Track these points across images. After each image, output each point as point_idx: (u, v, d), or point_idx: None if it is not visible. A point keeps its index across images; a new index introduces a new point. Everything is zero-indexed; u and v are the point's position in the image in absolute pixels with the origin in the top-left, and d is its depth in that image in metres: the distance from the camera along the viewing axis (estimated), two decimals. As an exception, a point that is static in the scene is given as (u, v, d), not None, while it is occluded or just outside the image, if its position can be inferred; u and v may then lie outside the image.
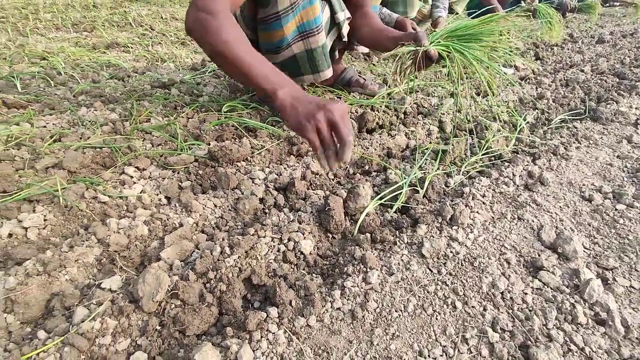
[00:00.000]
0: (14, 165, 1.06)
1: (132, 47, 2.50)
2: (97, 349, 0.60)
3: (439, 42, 1.17)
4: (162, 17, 3.58)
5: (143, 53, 2.39)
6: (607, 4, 5.44)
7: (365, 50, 1.77)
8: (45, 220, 0.86)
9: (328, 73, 1.39)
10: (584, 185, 1.10)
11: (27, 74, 1.81)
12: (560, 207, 1.00)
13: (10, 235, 0.82)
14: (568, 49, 3.08)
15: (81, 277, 0.73)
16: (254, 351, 0.59)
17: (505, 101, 1.80)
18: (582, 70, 2.38)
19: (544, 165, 1.20)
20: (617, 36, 3.47)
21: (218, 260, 0.74)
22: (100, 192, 0.96)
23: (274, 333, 0.62)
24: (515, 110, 1.70)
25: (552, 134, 1.44)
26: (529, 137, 1.39)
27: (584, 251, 0.86)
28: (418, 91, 1.79)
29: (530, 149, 1.31)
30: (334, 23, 1.39)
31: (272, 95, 0.82)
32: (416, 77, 1.41)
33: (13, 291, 0.67)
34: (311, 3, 1.21)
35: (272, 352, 0.59)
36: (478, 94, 1.83)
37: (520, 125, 1.41)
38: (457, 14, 3.02)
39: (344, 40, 1.44)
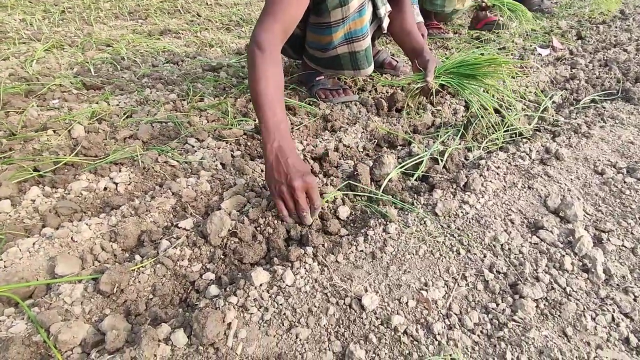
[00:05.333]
0: (99, 136, 1.30)
1: (182, 33, 2.73)
2: (178, 269, 0.80)
3: (441, 76, 1.42)
4: (207, 4, 3.79)
5: (192, 39, 2.60)
6: None
7: None
8: (129, 178, 1.09)
9: (369, 70, 1.51)
10: (599, 160, 1.17)
11: (97, 59, 2.08)
12: (571, 179, 1.09)
13: (105, 188, 1.05)
14: (616, 27, 2.94)
15: (161, 219, 0.94)
16: (294, 275, 0.76)
17: (536, 82, 1.84)
18: (625, 50, 2.32)
19: (563, 142, 1.27)
20: (675, 12, 3.25)
21: (265, 211, 0.92)
22: (170, 157, 1.18)
23: (309, 264, 0.79)
24: (543, 92, 1.74)
25: (578, 113, 1.49)
26: (552, 116, 1.45)
27: (586, 216, 0.95)
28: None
29: (552, 128, 1.37)
30: (376, 16, 1.50)
31: (265, 144, 0.91)
32: (425, 99, 1.60)
33: (115, 227, 0.89)
34: (360, 15, 1.32)
35: (309, 277, 0.77)
36: (509, 75, 1.88)
37: (544, 105, 1.47)
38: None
39: (384, 32, 1.55)
